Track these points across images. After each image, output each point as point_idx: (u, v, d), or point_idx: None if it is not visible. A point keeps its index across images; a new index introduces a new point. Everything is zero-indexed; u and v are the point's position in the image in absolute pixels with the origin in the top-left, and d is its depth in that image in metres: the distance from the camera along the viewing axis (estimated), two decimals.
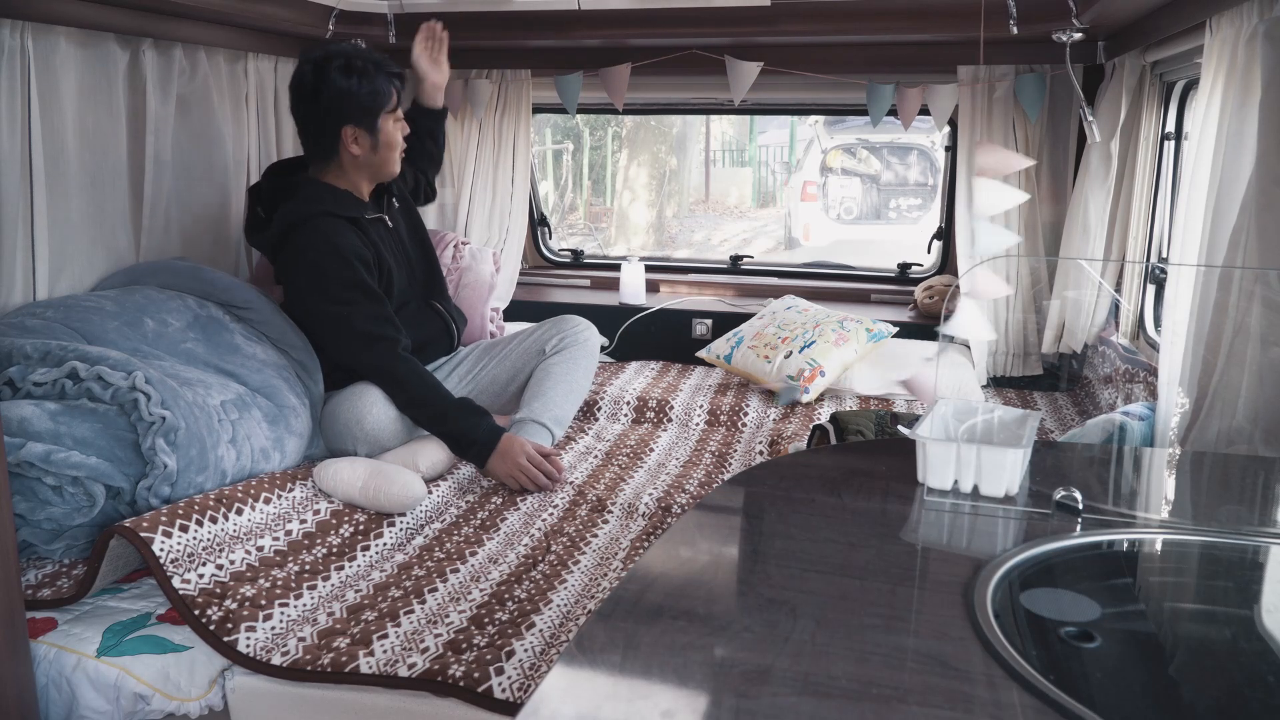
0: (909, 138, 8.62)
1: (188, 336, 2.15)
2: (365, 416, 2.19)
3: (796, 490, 1.29)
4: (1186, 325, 1.83)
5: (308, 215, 2.26)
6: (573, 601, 1.65)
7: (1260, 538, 1.15)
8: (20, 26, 2.06)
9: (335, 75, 2.25)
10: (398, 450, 2.19)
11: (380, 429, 2.19)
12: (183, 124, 2.58)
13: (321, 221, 2.25)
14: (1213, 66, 1.83)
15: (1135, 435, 1.89)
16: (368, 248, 2.31)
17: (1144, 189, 2.57)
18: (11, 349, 1.84)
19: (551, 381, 2.43)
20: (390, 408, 2.22)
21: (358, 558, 1.82)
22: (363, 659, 1.47)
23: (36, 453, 1.69)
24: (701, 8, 2.74)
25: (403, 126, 2.37)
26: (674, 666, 0.84)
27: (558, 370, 2.46)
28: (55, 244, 2.21)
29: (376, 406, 2.20)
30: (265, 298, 2.36)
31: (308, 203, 2.28)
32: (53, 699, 1.49)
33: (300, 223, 2.25)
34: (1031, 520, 1.18)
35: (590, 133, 9.40)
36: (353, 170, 2.36)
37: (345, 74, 2.25)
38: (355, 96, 2.27)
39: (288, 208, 2.28)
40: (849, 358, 2.86)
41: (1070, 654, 0.91)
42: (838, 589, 0.99)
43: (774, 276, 3.76)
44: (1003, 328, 3.03)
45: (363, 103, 2.28)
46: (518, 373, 2.54)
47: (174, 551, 1.62)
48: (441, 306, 2.57)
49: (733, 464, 2.38)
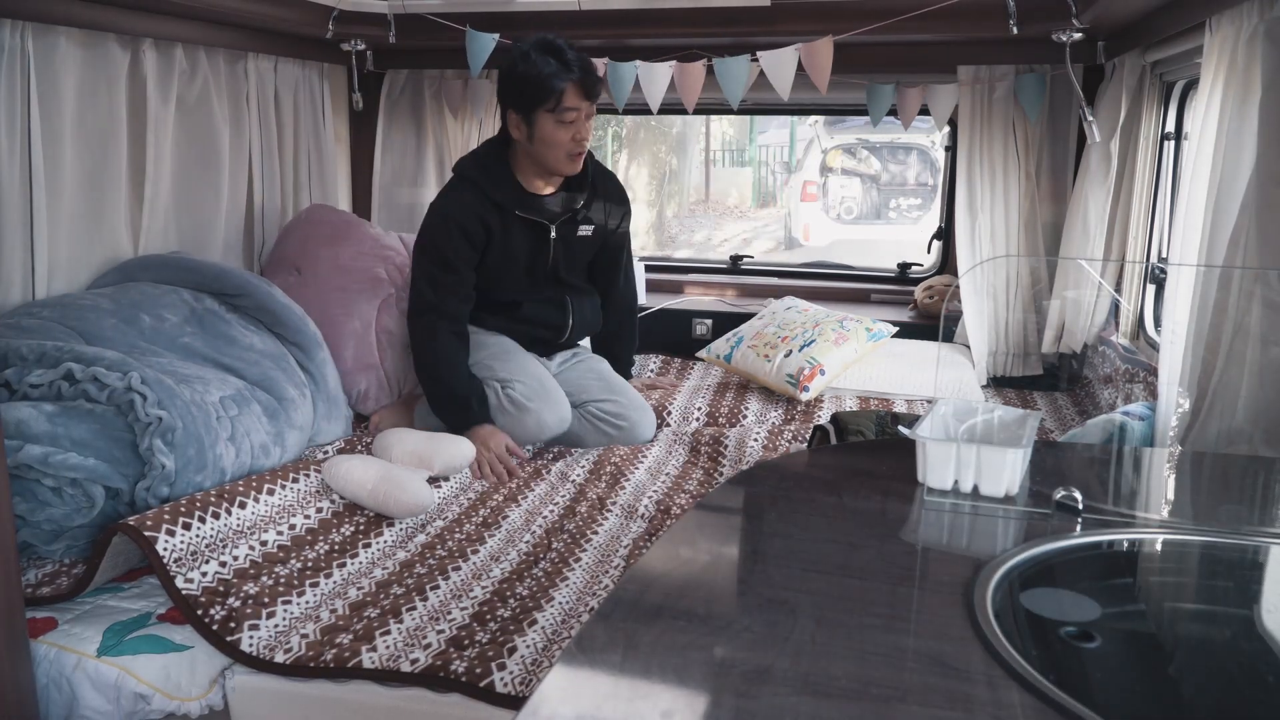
0: (909, 138, 8.62)
1: (185, 331, 2.15)
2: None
3: (796, 490, 1.29)
4: (1186, 325, 1.83)
5: (459, 174, 2.45)
6: (575, 598, 1.65)
7: (1260, 538, 1.15)
8: (20, 26, 2.06)
9: (517, 57, 2.29)
10: (416, 447, 2.19)
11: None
12: (183, 124, 2.58)
13: (460, 189, 2.41)
14: (1213, 66, 1.83)
15: (1135, 435, 1.89)
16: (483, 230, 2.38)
17: (1144, 189, 2.57)
18: (7, 350, 1.84)
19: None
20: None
21: (360, 554, 1.83)
22: (365, 655, 1.47)
23: (35, 455, 1.69)
24: (701, 8, 2.73)
25: (576, 130, 2.31)
26: (674, 666, 0.84)
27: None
28: (55, 244, 2.20)
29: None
30: (258, 281, 2.36)
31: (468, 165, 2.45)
32: (53, 699, 1.49)
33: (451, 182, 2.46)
34: (1031, 520, 1.18)
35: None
36: (522, 154, 2.40)
37: (524, 59, 2.27)
38: (519, 81, 2.28)
39: (461, 160, 2.49)
40: (849, 357, 2.86)
41: (1070, 654, 0.91)
42: (838, 589, 0.99)
43: (774, 276, 3.76)
44: (1003, 328, 3.03)
45: (523, 90, 2.28)
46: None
47: (177, 550, 1.62)
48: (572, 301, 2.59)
49: (729, 465, 2.38)
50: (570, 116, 2.28)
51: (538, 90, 2.25)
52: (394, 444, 2.20)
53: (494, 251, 2.42)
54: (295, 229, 2.85)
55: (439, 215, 2.40)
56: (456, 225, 2.36)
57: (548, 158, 2.35)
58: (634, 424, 2.52)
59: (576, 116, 2.29)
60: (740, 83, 2.75)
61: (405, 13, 2.91)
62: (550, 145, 2.32)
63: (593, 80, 2.30)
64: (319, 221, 2.85)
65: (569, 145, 2.32)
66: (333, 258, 2.70)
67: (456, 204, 2.39)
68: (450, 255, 2.37)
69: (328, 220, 2.86)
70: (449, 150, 3.35)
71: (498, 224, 2.39)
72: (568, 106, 2.27)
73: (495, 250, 2.42)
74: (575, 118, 2.29)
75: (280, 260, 2.78)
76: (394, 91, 3.36)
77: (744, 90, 2.77)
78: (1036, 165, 2.96)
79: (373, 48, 3.13)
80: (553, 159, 2.35)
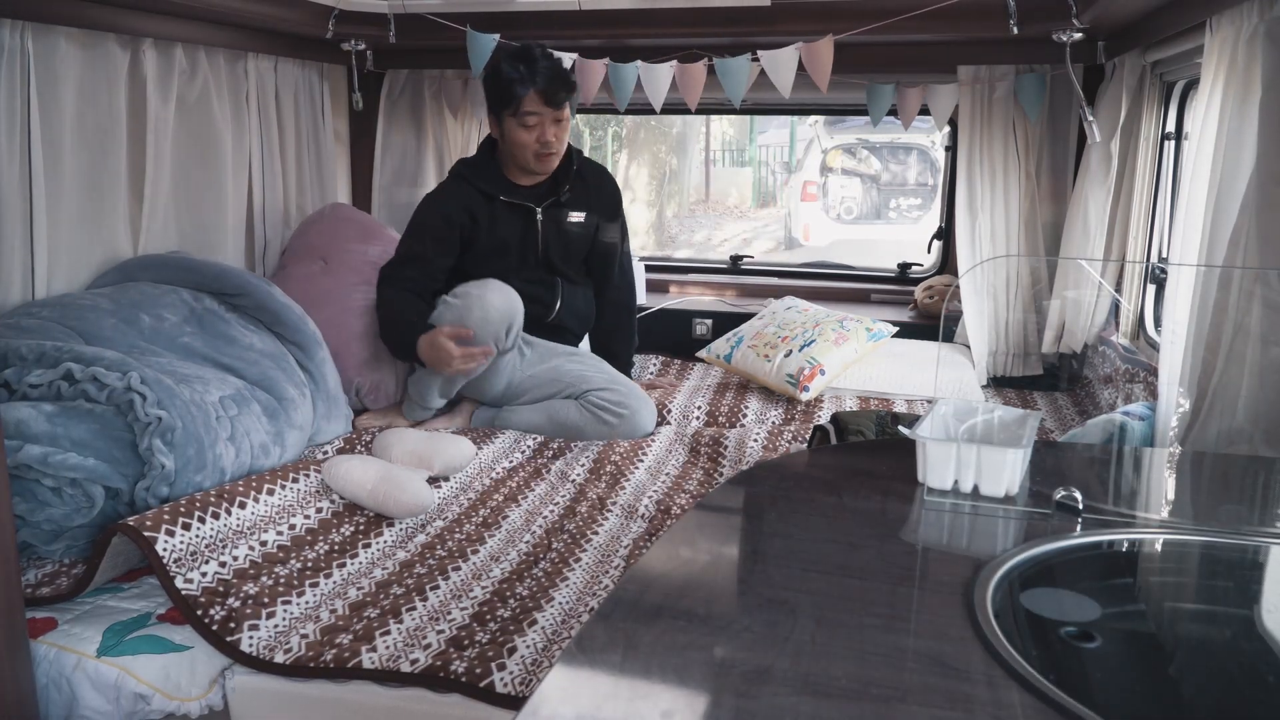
0: (909, 138, 8.61)
1: (184, 331, 2.15)
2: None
3: (796, 490, 1.29)
4: (1186, 325, 1.83)
5: (452, 171, 2.65)
6: (575, 599, 1.65)
7: (1260, 538, 1.15)
8: (20, 26, 2.06)
9: (496, 62, 2.53)
10: (415, 447, 2.19)
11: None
12: (183, 124, 2.58)
13: (450, 182, 2.61)
14: (1213, 66, 1.83)
15: (1135, 435, 1.89)
16: (468, 217, 2.53)
17: (1144, 189, 2.57)
18: (7, 350, 1.84)
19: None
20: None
21: (360, 555, 1.83)
22: (365, 655, 1.47)
23: (34, 455, 1.69)
24: (701, 8, 2.74)
25: (539, 134, 2.46)
26: (674, 666, 0.84)
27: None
28: (54, 244, 2.20)
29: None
30: (257, 281, 2.37)
31: (461, 162, 2.66)
32: (53, 699, 1.49)
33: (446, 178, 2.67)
34: (1031, 520, 1.18)
35: (590, 133, 9.39)
36: (501, 152, 2.58)
37: (498, 64, 2.49)
38: (489, 86, 2.52)
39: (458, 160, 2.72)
40: (849, 357, 2.86)
41: (1070, 654, 0.91)
42: (838, 589, 0.99)
43: (774, 276, 3.76)
44: (1003, 328, 3.03)
45: (490, 94, 2.51)
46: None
47: (177, 551, 1.62)
48: (563, 284, 2.68)
49: (729, 465, 2.38)
50: (531, 121, 2.46)
51: (501, 95, 2.46)
52: (394, 444, 2.20)
53: (482, 237, 2.56)
54: (320, 223, 2.91)
55: (426, 200, 2.63)
56: (439, 209, 2.55)
57: (517, 157, 2.53)
58: (634, 412, 2.54)
59: (538, 121, 2.46)
60: (741, 82, 2.75)
61: (405, 13, 2.91)
62: (517, 146, 2.50)
63: (556, 89, 2.44)
64: (346, 219, 2.93)
65: (534, 146, 2.49)
66: (363, 252, 2.80)
67: (445, 192, 2.61)
68: (427, 236, 2.54)
69: (354, 219, 2.95)
70: (449, 150, 3.35)
71: (484, 212, 2.56)
72: (527, 111, 2.44)
73: (483, 236, 2.55)
74: (536, 122, 2.46)
75: (306, 250, 2.83)
76: (394, 91, 3.36)
77: (745, 90, 2.77)
78: (1036, 165, 2.96)
79: (373, 48, 3.13)
80: (521, 158, 2.53)
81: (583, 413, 2.54)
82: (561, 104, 2.46)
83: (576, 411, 2.54)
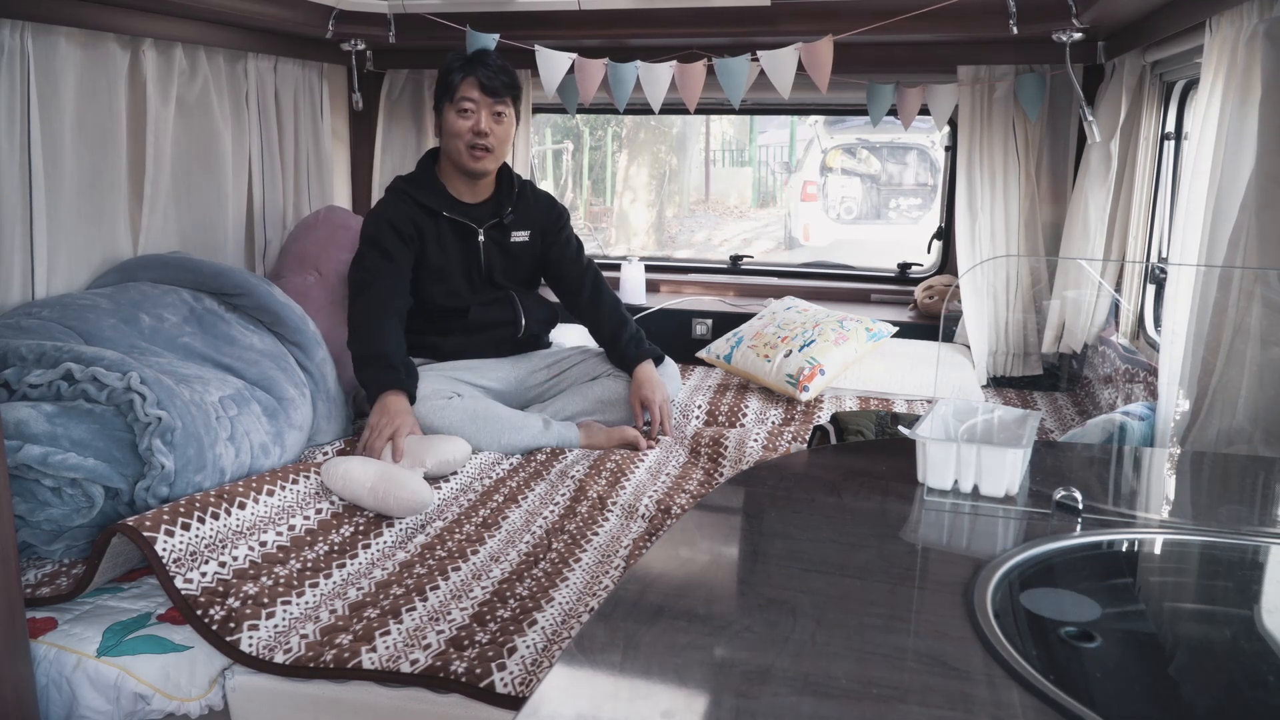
0: (909, 138, 8.61)
1: (184, 331, 2.15)
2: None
3: (796, 490, 1.29)
4: (1186, 325, 1.83)
5: (389, 187, 2.59)
6: (575, 599, 1.65)
7: (1260, 538, 1.15)
8: (20, 26, 2.06)
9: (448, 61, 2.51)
10: (409, 446, 2.18)
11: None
12: (183, 124, 2.58)
13: (389, 197, 2.55)
14: (1213, 66, 1.83)
15: (1135, 435, 1.89)
16: (414, 230, 2.49)
17: (1144, 189, 2.57)
18: (7, 350, 1.84)
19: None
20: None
21: (359, 555, 1.82)
22: (365, 656, 1.47)
23: (34, 455, 1.68)
24: (701, 8, 2.74)
25: (474, 123, 2.44)
26: (674, 666, 0.84)
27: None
28: (54, 244, 2.20)
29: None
30: (257, 280, 2.36)
31: (398, 178, 2.60)
32: (53, 699, 1.49)
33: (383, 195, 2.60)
34: (1031, 520, 1.18)
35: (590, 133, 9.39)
36: (444, 160, 2.56)
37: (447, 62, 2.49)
38: (437, 82, 2.52)
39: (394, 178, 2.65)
40: (848, 357, 2.86)
41: (1070, 654, 0.91)
42: (838, 589, 0.99)
43: (774, 276, 3.76)
44: (1003, 328, 3.03)
45: (437, 90, 2.51)
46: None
47: (176, 551, 1.62)
48: (520, 301, 2.67)
49: (729, 465, 2.38)
50: (466, 106, 2.44)
51: (441, 83, 2.49)
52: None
53: (429, 255, 2.52)
54: (313, 230, 2.85)
55: (371, 216, 2.54)
56: (387, 221, 2.49)
57: (451, 150, 2.49)
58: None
59: (474, 108, 2.44)
60: (741, 82, 2.75)
61: (405, 13, 2.91)
62: (451, 136, 2.47)
63: (494, 77, 2.44)
64: (340, 225, 2.86)
65: (467, 136, 2.45)
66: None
67: (386, 206, 2.53)
68: (385, 244, 2.46)
69: (348, 225, 2.87)
70: None
71: (430, 227, 2.52)
72: (463, 96, 2.44)
73: (430, 253, 2.52)
74: (473, 109, 2.44)
75: (298, 260, 2.77)
76: (394, 91, 3.36)
77: (744, 90, 2.77)
78: (1036, 165, 2.96)
79: (372, 47, 3.13)
80: (455, 150, 2.48)
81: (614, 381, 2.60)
82: (499, 96, 2.44)
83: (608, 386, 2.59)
